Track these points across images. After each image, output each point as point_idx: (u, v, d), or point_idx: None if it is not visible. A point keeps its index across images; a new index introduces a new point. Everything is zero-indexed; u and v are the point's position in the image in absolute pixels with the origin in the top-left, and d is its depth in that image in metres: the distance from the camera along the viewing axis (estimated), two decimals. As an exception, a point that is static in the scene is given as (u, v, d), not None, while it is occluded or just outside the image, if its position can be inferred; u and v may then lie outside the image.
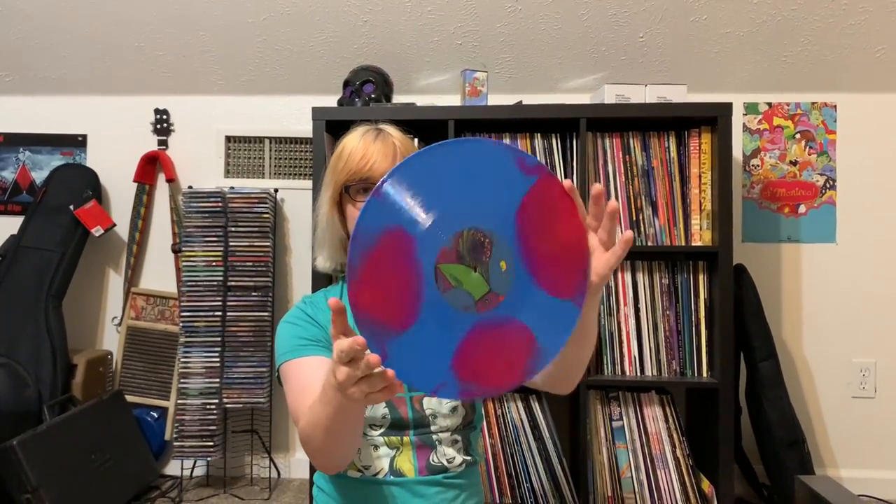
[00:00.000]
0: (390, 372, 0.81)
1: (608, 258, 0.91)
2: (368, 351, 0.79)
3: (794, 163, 2.72)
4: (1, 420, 2.31)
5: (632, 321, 2.42)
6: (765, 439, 2.46)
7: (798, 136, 2.72)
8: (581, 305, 0.90)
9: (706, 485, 2.37)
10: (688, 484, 2.38)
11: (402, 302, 0.85)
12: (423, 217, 0.86)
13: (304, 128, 2.83)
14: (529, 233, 0.89)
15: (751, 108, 2.73)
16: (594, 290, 0.94)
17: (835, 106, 2.71)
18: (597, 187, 0.91)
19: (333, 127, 2.45)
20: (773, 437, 2.42)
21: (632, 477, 2.40)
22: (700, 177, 2.41)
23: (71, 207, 2.73)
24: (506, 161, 0.90)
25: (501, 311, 0.88)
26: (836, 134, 2.71)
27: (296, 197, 2.86)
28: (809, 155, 2.72)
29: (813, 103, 2.72)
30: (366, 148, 1.21)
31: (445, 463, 1.22)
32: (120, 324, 2.86)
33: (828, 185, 2.71)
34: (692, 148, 2.41)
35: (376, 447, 1.21)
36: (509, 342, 0.88)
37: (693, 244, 2.40)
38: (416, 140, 2.40)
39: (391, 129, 1.26)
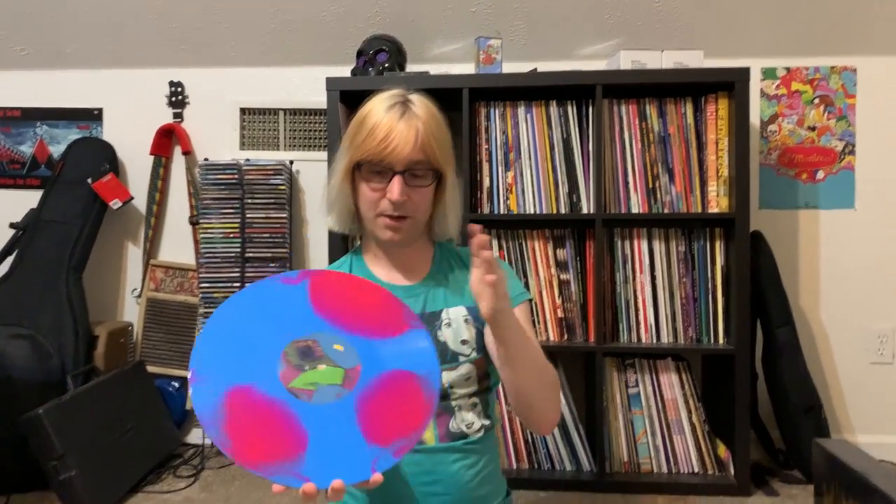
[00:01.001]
0: (310, 488, 0.86)
1: (490, 292, 1.02)
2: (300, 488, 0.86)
3: (812, 128, 2.69)
4: (26, 390, 2.36)
5: (648, 289, 2.42)
6: (781, 405, 2.46)
7: (817, 100, 2.69)
8: (420, 327, 1.02)
9: (722, 450, 2.39)
10: (704, 449, 2.40)
11: (283, 434, 0.89)
12: (244, 363, 0.93)
13: (318, 99, 2.81)
14: (336, 313, 1.00)
15: (769, 74, 2.70)
16: (497, 321, 1.06)
17: (855, 70, 2.67)
18: (480, 238, 1.01)
19: (347, 97, 2.44)
20: (790, 403, 2.42)
21: (648, 443, 2.41)
22: (717, 143, 2.39)
23: (89, 181, 2.76)
24: (272, 285, 1.01)
25: (368, 374, 0.96)
26: (855, 98, 2.68)
27: (311, 168, 2.86)
28: (828, 120, 2.68)
29: (832, 67, 2.68)
30: (389, 128, 1.16)
31: (465, 429, 1.23)
32: (140, 295, 2.89)
33: (847, 151, 2.68)
34: (709, 114, 2.39)
35: None
36: (397, 390, 0.96)
37: (710, 211, 2.39)
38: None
39: (418, 106, 1.21)
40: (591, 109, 2.42)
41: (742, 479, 2.31)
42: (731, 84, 2.32)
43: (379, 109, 1.19)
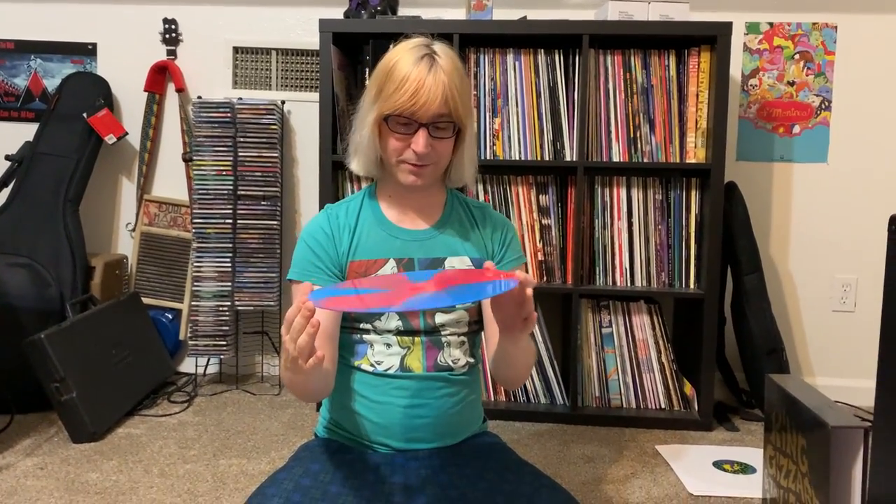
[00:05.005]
0: (309, 304, 0.98)
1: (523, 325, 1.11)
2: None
3: (791, 83, 2.77)
4: (25, 316, 2.46)
5: (625, 235, 2.53)
6: (746, 348, 2.60)
7: (797, 56, 2.76)
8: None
9: (688, 388, 2.53)
10: (671, 387, 2.54)
11: None
12: None
13: (311, 40, 2.85)
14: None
15: (752, 28, 2.76)
16: (516, 338, 1.17)
17: (835, 27, 2.74)
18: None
19: (340, 39, 2.49)
20: (754, 346, 2.56)
21: (618, 380, 2.55)
22: (697, 96, 2.47)
23: (84, 115, 2.80)
24: None
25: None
26: (834, 55, 2.75)
27: (302, 109, 2.92)
28: (807, 76, 2.76)
29: (814, 24, 2.74)
30: (418, 83, 1.21)
31: (451, 363, 1.34)
32: (134, 229, 2.97)
33: (823, 106, 2.77)
34: (691, 67, 2.46)
35: (389, 345, 1.33)
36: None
37: (687, 161, 2.49)
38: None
39: (444, 59, 1.26)
40: (577, 59, 2.49)
41: (705, 415, 2.47)
42: (714, 38, 2.39)
43: (407, 61, 1.24)
